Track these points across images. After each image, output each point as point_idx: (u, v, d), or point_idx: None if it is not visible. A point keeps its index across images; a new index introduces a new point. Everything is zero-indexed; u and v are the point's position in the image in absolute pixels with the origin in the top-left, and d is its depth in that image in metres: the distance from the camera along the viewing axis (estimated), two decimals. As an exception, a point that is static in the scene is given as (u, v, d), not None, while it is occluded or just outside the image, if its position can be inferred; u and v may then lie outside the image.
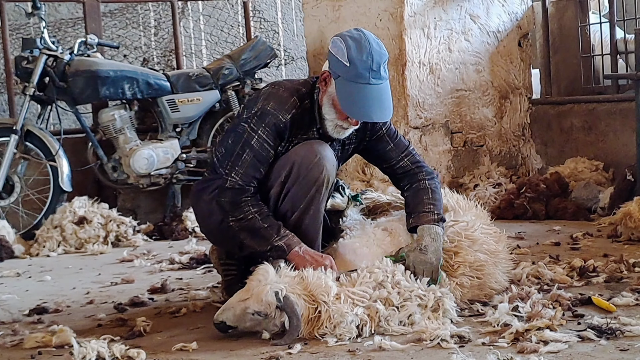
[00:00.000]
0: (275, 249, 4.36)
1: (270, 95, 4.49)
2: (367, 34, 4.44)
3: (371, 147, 4.76)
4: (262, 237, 4.38)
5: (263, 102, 4.47)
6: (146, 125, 8.42)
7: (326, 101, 4.47)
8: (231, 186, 4.42)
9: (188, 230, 7.79)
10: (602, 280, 4.93)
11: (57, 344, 4.18)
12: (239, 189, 4.41)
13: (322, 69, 4.51)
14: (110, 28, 8.93)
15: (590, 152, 8.34)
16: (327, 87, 4.45)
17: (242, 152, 4.43)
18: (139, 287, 5.60)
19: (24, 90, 7.74)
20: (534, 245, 6.24)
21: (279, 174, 4.48)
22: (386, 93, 4.41)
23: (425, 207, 4.58)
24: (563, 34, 9.00)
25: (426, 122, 8.65)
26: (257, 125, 4.42)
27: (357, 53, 4.32)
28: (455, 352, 3.67)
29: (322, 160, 4.46)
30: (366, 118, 4.44)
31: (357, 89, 4.33)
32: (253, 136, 4.42)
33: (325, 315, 4.01)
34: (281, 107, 4.43)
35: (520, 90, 9.12)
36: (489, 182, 8.62)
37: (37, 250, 7.35)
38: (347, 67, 4.32)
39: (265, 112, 4.42)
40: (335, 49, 4.39)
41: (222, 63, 8.33)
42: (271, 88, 4.56)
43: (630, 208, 6.28)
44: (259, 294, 4.03)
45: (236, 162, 4.44)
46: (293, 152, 4.49)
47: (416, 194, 4.67)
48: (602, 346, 3.68)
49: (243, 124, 4.47)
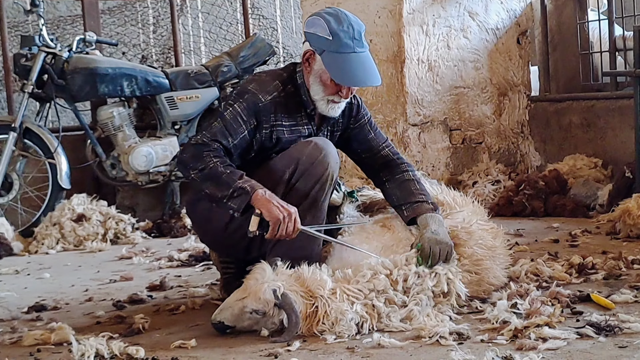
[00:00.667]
0: (238, 191, 4.21)
1: (252, 80, 4.54)
2: (339, 8, 4.53)
3: (354, 135, 4.77)
4: (225, 183, 4.24)
5: (243, 85, 4.52)
6: (145, 123, 8.42)
7: (313, 80, 4.47)
8: (194, 142, 4.34)
9: (187, 228, 7.79)
10: (601, 277, 4.93)
11: (55, 342, 4.18)
12: (201, 144, 4.33)
13: (302, 51, 4.51)
14: (109, 25, 8.94)
15: (589, 149, 8.34)
16: (311, 66, 4.46)
17: (214, 120, 4.43)
18: (138, 285, 5.60)
19: (23, 88, 7.74)
20: (532, 243, 6.24)
21: (283, 173, 4.45)
22: (371, 61, 4.47)
23: (418, 197, 4.58)
24: (562, 31, 9.00)
25: (425, 119, 8.64)
26: (233, 100, 4.44)
27: (337, 25, 4.36)
28: (454, 349, 3.66)
29: (326, 157, 4.45)
30: (360, 84, 4.49)
31: (344, 59, 4.36)
32: (227, 108, 4.42)
33: (322, 311, 4.01)
34: (262, 88, 4.44)
35: (519, 87, 9.12)
36: (488, 179, 8.62)
37: (35, 248, 7.36)
38: (330, 40, 4.35)
39: (245, 90, 4.45)
40: (313, 27, 4.41)
41: (221, 60, 8.33)
42: (253, 75, 4.64)
43: (629, 205, 6.28)
44: (256, 292, 4.03)
45: (206, 128, 4.42)
46: (296, 150, 4.47)
47: (403, 185, 4.66)
48: (600, 343, 3.68)
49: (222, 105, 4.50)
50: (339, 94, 4.46)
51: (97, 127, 8.11)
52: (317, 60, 4.43)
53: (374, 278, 4.15)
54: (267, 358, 3.76)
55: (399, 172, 4.71)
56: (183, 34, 9.29)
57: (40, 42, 7.73)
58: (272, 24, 9.58)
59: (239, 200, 4.23)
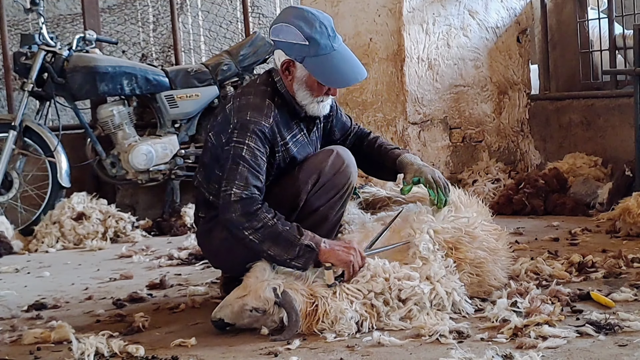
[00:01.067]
0: (303, 250, 4.13)
1: (243, 107, 4.38)
2: (301, 7, 4.49)
3: (335, 124, 4.84)
4: (287, 241, 4.14)
5: (238, 115, 4.36)
6: (145, 121, 8.41)
7: (298, 86, 4.43)
8: (238, 198, 4.18)
9: (187, 226, 7.79)
10: (601, 276, 4.93)
11: (55, 340, 4.19)
12: (247, 198, 4.18)
13: (276, 61, 4.46)
14: (109, 24, 8.95)
15: (588, 148, 8.33)
16: (292, 74, 4.42)
17: (235, 165, 4.25)
18: (138, 283, 5.61)
19: (23, 86, 7.74)
20: (532, 241, 6.24)
21: (305, 184, 4.45)
22: (351, 53, 4.47)
23: (389, 147, 4.83)
24: (562, 30, 8.99)
25: (425, 117, 8.64)
26: (242, 137, 4.29)
27: (309, 28, 4.31)
28: (454, 347, 3.67)
29: (348, 167, 4.52)
30: (351, 82, 4.50)
31: (327, 60, 4.34)
32: (242, 148, 4.27)
33: (322, 309, 4.01)
34: (260, 114, 4.34)
35: (518, 86, 9.12)
36: (488, 177, 8.62)
37: (35, 246, 7.36)
38: (307, 45, 4.31)
39: (245, 122, 4.31)
40: (284, 36, 4.35)
41: (221, 59, 8.32)
42: (238, 100, 4.44)
43: (629, 203, 6.28)
44: (256, 290, 4.03)
45: (233, 177, 4.23)
46: (318, 160, 4.49)
47: (371, 144, 4.88)
48: (600, 341, 3.68)
49: (227, 145, 4.32)
50: (328, 93, 4.47)
51: (97, 126, 8.11)
52: (297, 67, 4.39)
53: (373, 280, 4.16)
54: (267, 356, 3.77)
55: (365, 136, 4.93)
56: (183, 33, 9.30)
57: (40, 41, 7.73)
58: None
59: (305, 259, 4.16)
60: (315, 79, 4.38)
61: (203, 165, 4.63)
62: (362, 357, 3.68)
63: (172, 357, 3.79)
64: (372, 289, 4.12)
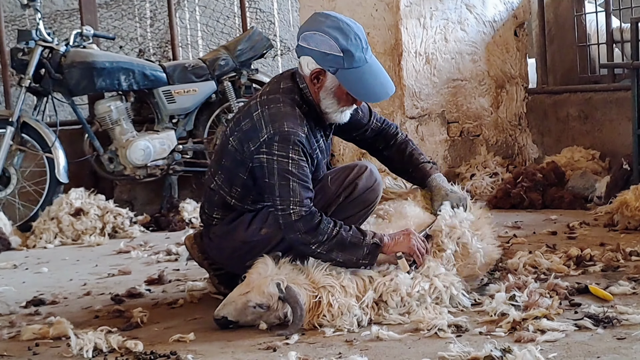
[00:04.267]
0: (370, 248, 4.25)
1: (276, 117, 4.32)
2: (334, 15, 4.41)
3: (350, 123, 4.74)
4: (353, 245, 4.23)
5: (272, 125, 4.30)
6: (142, 117, 8.42)
7: (325, 96, 4.40)
8: (299, 217, 4.21)
9: (185, 221, 7.79)
10: (599, 269, 4.94)
11: (54, 336, 4.19)
12: (306, 215, 4.22)
13: (304, 67, 4.40)
14: (106, 19, 8.94)
15: (586, 142, 8.33)
16: (321, 83, 4.38)
17: (285, 182, 4.24)
18: (136, 279, 5.61)
19: (20, 82, 7.73)
20: (530, 235, 6.24)
21: (338, 195, 4.48)
22: (379, 64, 4.47)
23: (420, 159, 4.91)
24: (559, 23, 8.99)
25: (422, 112, 8.64)
26: (284, 150, 4.26)
27: (345, 40, 4.28)
28: (452, 341, 3.67)
29: (379, 185, 4.61)
30: (383, 97, 4.48)
31: (362, 73, 4.33)
32: (287, 162, 4.26)
33: (325, 302, 4.02)
34: (295, 124, 4.30)
35: (516, 79, 9.12)
36: (486, 171, 8.62)
37: (33, 242, 7.36)
38: (342, 56, 4.27)
39: (285, 133, 4.26)
40: (316, 44, 4.31)
41: (218, 54, 8.32)
42: (267, 109, 4.37)
43: (627, 197, 6.28)
44: (260, 286, 4.03)
45: (287, 194, 4.24)
46: (352, 173, 4.52)
47: (400, 150, 4.95)
48: (599, 335, 3.69)
49: (264, 155, 4.29)
50: (355, 104, 4.49)
51: (94, 121, 8.11)
52: (328, 78, 4.36)
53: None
54: (266, 351, 3.77)
55: (391, 137, 4.95)
56: (180, 28, 9.29)
57: (37, 37, 7.72)
58: (269, 17, 9.59)
59: (372, 256, 4.27)
60: (344, 90, 4.37)
61: (222, 168, 4.56)
62: (360, 352, 3.67)
63: (170, 352, 3.79)
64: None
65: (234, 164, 4.49)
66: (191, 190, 8.48)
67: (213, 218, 4.65)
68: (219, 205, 4.61)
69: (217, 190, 4.57)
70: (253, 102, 4.46)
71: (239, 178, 4.49)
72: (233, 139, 4.46)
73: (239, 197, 4.52)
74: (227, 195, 4.55)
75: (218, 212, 4.62)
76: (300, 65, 4.45)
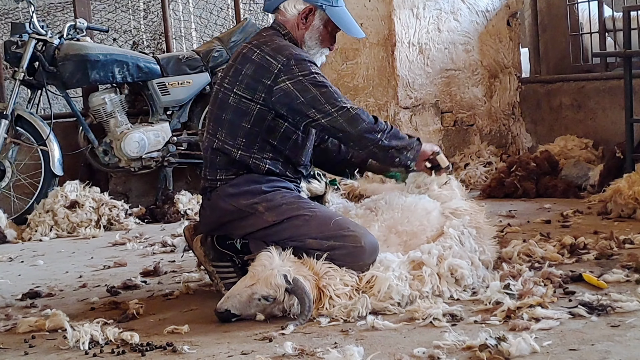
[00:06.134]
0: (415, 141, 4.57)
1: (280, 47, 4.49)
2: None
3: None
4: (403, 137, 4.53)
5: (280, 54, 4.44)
6: (137, 109, 8.42)
7: (310, 35, 4.62)
8: (357, 109, 4.43)
9: (180, 213, 7.79)
10: (593, 257, 4.94)
11: (50, 328, 4.19)
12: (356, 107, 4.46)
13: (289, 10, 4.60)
14: (100, 12, 8.93)
15: (579, 130, 8.35)
16: (309, 22, 4.60)
17: (324, 88, 4.41)
18: (132, 270, 5.62)
19: (14, 75, 7.74)
20: (524, 224, 6.25)
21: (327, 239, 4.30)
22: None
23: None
24: (551, 13, 9.00)
25: (416, 102, 8.66)
26: (305, 69, 4.42)
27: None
28: (447, 330, 3.68)
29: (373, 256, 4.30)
30: (362, 34, 4.78)
31: (344, 12, 4.64)
32: (313, 75, 4.42)
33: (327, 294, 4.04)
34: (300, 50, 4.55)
35: (509, 69, 9.13)
36: (480, 161, 8.65)
37: (29, 235, 7.36)
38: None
39: (298, 56, 4.45)
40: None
41: (212, 46, 8.32)
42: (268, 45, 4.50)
43: (620, 185, 6.29)
44: (266, 278, 4.00)
45: (332, 97, 4.41)
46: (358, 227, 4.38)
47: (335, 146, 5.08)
48: (593, 323, 3.70)
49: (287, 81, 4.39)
50: (329, 47, 4.70)
51: (89, 114, 8.11)
52: (316, 16, 4.58)
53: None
54: (262, 342, 3.78)
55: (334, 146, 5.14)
56: (174, 20, 9.28)
57: (30, 29, 7.72)
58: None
59: (417, 150, 4.55)
60: (328, 30, 4.61)
61: (223, 123, 4.55)
62: (356, 341, 3.68)
63: (166, 343, 3.80)
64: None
65: (236, 115, 4.52)
66: (186, 181, 8.48)
67: (217, 180, 4.56)
68: (222, 165, 4.55)
69: (222, 146, 4.54)
70: (245, 50, 4.58)
71: (241, 128, 4.50)
72: (237, 89, 4.51)
73: (245, 147, 4.51)
74: (232, 149, 4.52)
75: (222, 172, 4.56)
76: (281, 12, 4.64)
